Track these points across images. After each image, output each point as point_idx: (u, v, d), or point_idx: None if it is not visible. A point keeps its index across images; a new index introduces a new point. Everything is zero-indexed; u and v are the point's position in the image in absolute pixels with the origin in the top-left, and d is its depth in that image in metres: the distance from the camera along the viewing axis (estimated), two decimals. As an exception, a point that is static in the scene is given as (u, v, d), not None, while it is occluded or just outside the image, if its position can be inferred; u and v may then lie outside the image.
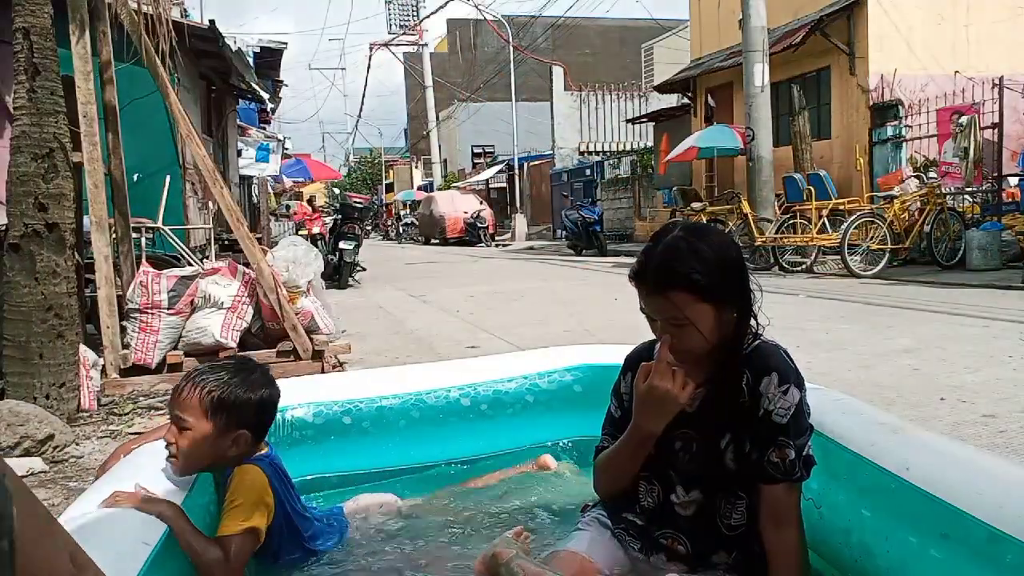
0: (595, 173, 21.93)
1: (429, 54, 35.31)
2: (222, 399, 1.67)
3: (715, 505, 1.48)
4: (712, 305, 1.39)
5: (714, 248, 1.40)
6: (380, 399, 2.49)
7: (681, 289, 1.37)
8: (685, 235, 1.41)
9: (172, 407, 1.69)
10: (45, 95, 3.42)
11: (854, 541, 1.57)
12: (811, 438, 1.47)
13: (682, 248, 1.39)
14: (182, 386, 1.69)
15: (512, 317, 6.75)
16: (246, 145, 15.42)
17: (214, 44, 9.15)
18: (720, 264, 1.39)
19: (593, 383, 2.60)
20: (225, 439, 1.68)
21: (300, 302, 4.46)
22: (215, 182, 4.51)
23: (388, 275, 12.39)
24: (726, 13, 14.51)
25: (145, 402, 3.84)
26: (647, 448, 1.51)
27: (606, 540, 1.58)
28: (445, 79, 39.12)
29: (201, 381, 1.68)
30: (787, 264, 10.11)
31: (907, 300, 6.79)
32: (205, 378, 1.69)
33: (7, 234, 3.52)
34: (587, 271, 12.00)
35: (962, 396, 3.39)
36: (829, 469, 1.63)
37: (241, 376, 1.72)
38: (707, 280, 1.37)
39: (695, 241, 1.40)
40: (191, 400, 1.66)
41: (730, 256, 1.43)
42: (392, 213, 37.87)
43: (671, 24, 27.43)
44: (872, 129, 11.80)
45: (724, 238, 1.47)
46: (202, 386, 1.67)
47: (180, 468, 1.68)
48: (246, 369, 1.76)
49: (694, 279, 1.37)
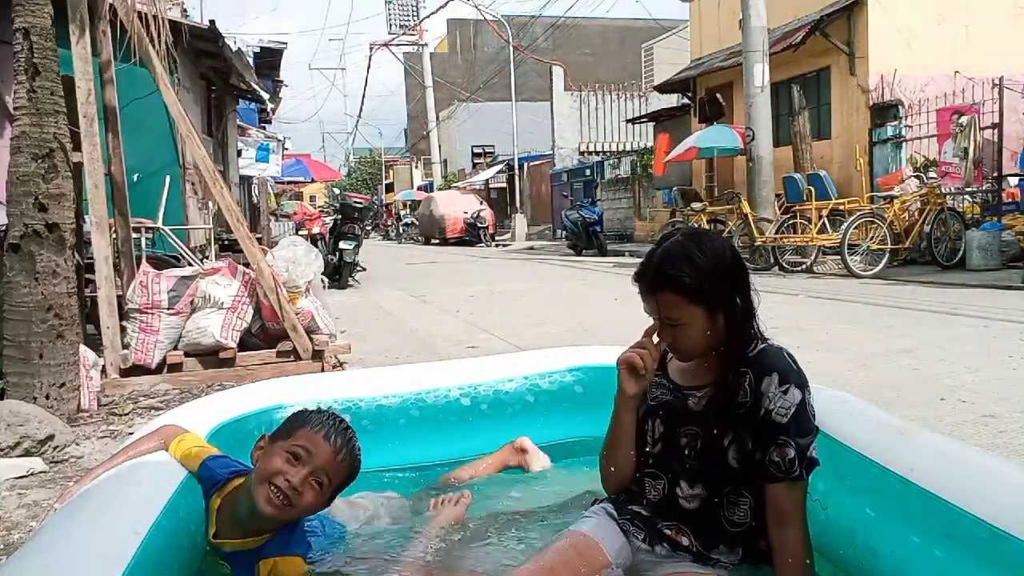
0: (595, 173, 21.92)
1: (429, 54, 35.31)
2: (352, 477, 1.68)
3: (718, 501, 1.52)
4: (702, 308, 1.46)
5: (708, 253, 1.46)
6: (380, 398, 2.49)
7: (670, 291, 1.46)
8: (683, 240, 1.50)
9: (323, 459, 1.58)
10: (45, 95, 3.42)
11: (859, 541, 1.58)
12: (816, 440, 1.48)
13: (676, 252, 1.47)
14: (341, 447, 1.60)
15: (512, 317, 6.75)
16: (246, 145, 15.41)
17: (214, 44, 9.15)
18: (713, 269, 1.46)
19: (593, 383, 2.60)
20: (323, 506, 1.66)
21: (300, 302, 4.46)
22: (215, 182, 4.51)
23: (388, 275, 12.39)
24: (726, 13, 14.51)
25: (145, 402, 3.83)
26: (628, 411, 1.60)
27: (612, 528, 1.61)
28: (445, 79, 39.11)
29: (354, 453, 1.65)
30: (787, 264, 10.10)
31: (907, 300, 6.79)
32: (357, 451, 1.66)
33: (7, 234, 3.52)
34: (587, 271, 11.99)
35: (962, 396, 3.39)
36: (835, 470, 1.63)
37: (360, 455, 1.69)
38: (696, 284, 1.44)
39: (691, 246, 1.47)
40: (343, 469, 1.62)
41: (724, 262, 1.48)
42: (392, 213, 37.86)
43: (671, 24, 27.42)
44: (872, 129, 11.79)
45: (720, 244, 1.53)
46: (353, 459, 1.65)
47: (283, 516, 1.57)
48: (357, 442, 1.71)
49: (684, 282, 1.45)
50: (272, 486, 1.54)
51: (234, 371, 4.27)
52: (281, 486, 1.53)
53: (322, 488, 1.58)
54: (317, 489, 1.57)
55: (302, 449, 1.56)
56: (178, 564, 1.54)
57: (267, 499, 1.54)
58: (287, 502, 1.54)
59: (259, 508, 1.54)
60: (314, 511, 1.63)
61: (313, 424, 1.61)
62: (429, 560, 1.75)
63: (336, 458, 1.58)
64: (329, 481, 1.59)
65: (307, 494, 1.55)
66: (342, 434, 1.62)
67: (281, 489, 1.53)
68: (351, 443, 1.63)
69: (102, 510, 1.48)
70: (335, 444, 1.58)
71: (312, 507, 1.60)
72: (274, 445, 1.60)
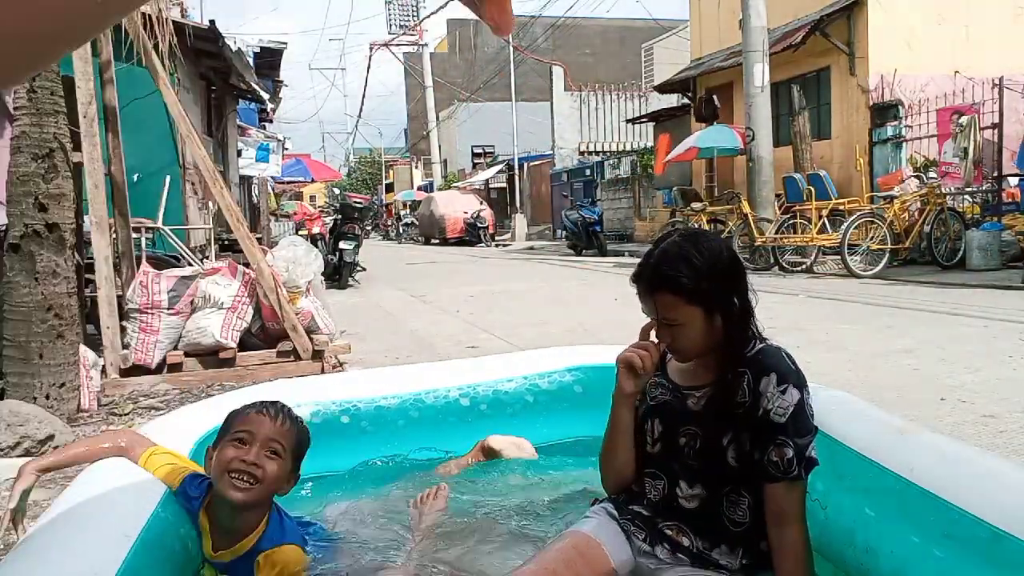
0: (595, 173, 21.91)
1: (429, 54, 35.30)
2: (305, 444, 1.70)
3: (717, 501, 1.53)
4: (700, 308, 1.47)
5: (705, 254, 1.47)
6: (379, 399, 2.49)
7: (668, 291, 1.47)
8: (680, 240, 1.51)
9: (266, 430, 1.61)
10: (45, 95, 3.42)
11: (859, 541, 1.58)
12: (815, 440, 1.49)
13: (673, 253, 1.48)
14: (277, 413, 1.65)
15: (512, 317, 6.75)
16: (246, 145, 15.40)
17: (214, 44, 9.14)
18: (710, 270, 1.46)
19: (593, 383, 2.61)
20: (291, 479, 1.68)
21: (300, 302, 4.46)
22: (215, 182, 4.51)
23: (388, 275, 12.39)
24: (726, 13, 14.51)
25: (145, 402, 3.83)
26: (626, 409, 1.61)
27: (613, 529, 1.62)
28: (445, 79, 39.10)
29: (294, 418, 1.68)
30: (787, 264, 10.10)
31: (907, 300, 6.79)
32: (295, 415, 1.70)
33: (7, 234, 3.52)
34: (587, 271, 11.99)
35: (962, 396, 3.39)
36: (835, 470, 1.64)
37: (301, 420, 1.73)
38: (694, 284, 1.45)
39: (688, 247, 1.48)
40: (290, 432, 1.65)
41: (721, 263, 1.49)
42: (392, 213, 37.84)
43: (671, 24, 27.42)
44: (872, 129, 11.79)
45: (718, 245, 1.53)
46: (295, 423, 1.68)
47: (253, 497, 1.59)
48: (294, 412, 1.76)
49: (682, 283, 1.45)
50: (231, 473, 1.57)
51: (234, 371, 4.27)
52: (239, 468, 1.57)
53: (280, 456, 1.61)
54: (276, 458, 1.61)
55: (244, 432, 1.61)
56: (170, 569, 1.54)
57: (232, 486, 1.57)
58: (252, 480, 1.57)
59: (230, 499, 1.57)
60: (284, 482, 1.66)
61: (244, 411, 1.67)
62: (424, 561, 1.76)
63: (278, 423, 1.63)
64: (283, 447, 1.62)
65: (268, 466, 1.59)
66: (273, 405, 1.67)
67: (240, 471, 1.57)
68: (287, 410, 1.69)
69: (90, 515, 1.49)
70: (271, 414, 1.64)
71: (279, 477, 1.63)
72: (219, 445, 1.64)
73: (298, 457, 1.68)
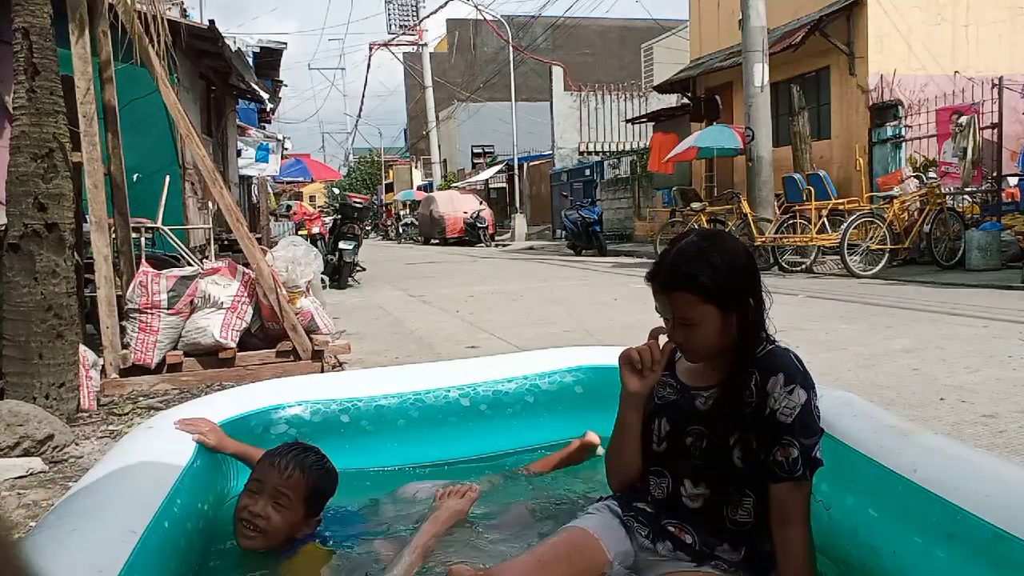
0: (595, 173, 21.91)
1: (429, 54, 35.27)
2: (322, 491, 1.77)
3: (721, 500, 1.53)
4: (717, 307, 1.48)
5: (724, 255, 1.48)
6: (379, 399, 2.49)
7: (685, 290, 1.47)
8: (698, 240, 1.52)
9: (274, 481, 1.70)
10: (45, 95, 3.42)
11: (862, 541, 1.58)
12: (820, 440, 1.49)
13: (691, 252, 1.49)
14: (287, 464, 1.72)
15: (512, 317, 6.74)
16: (246, 145, 15.40)
17: (214, 44, 9.14)
18: (729, 270, 1.47)
19: (593, 384, 2.60)
20: (307, 523, 1.75)
21: (300, 302, 4.46)
22: (215, 182, 4.51)
23: (388, 275, 12.39)
24: (726, 13, 14.52)
25: (145, 402, 3.83)
26: (633, 408, 1.62)
27: (614, 525, 1.62)
28: (445, 79, 39.10)
29: (307, 466, 1.74)
30: (787, 264, 10.10)
31: (907, 300, 6.79)
32: (310, 463, 1.75)
33: (7, 234, 3.51)
34: (587, 271, 11.99)
35: (962, 396, 3.39)
36: (838, 470, 1.64)
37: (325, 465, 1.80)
38: (712, 284, 1.46)
39: (707, 247, 1.49)
40: (299, 482, 1.71)
41: (739, 264, 1.50)
42: (392, 213, 37.82)
43: (671, 24, 27.41)
44: (872, 129, 11.79)
45: (736, 245, 1.55)
46: (308, 471, 1.74)
47: (258, 546, 1.69)
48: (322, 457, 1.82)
49: (700, 281, 1.46)
50: (241, 522, 1.70)
51: (234, 371, 4.27)
52: (245, 518, 1.69)
53: (286, 506, 1.69)
54: (282, 508, 1.69)
55: (255, 481, 1.74)
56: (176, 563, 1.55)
57: (240, 534, 1.70)
58: (256, 530, 1.68)
59: (240, 546, 1.70)
60: (295, 528, 1.73)
61: (265, 458, 1.77)
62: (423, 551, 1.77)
63: (284, 476, 1.71)
64: (290, 497, 1.70)
65: (273, 516, 1.69)
66: (287, 455, 1.75)
67: (246, 520, 1.68)
68: (300, 460, 1.75)
69: (98, 508, 1.49)
70: (280, 466, 1.72)
71: (287, 526, 1.71)
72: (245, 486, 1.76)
73: (315, 503, 1.77)
